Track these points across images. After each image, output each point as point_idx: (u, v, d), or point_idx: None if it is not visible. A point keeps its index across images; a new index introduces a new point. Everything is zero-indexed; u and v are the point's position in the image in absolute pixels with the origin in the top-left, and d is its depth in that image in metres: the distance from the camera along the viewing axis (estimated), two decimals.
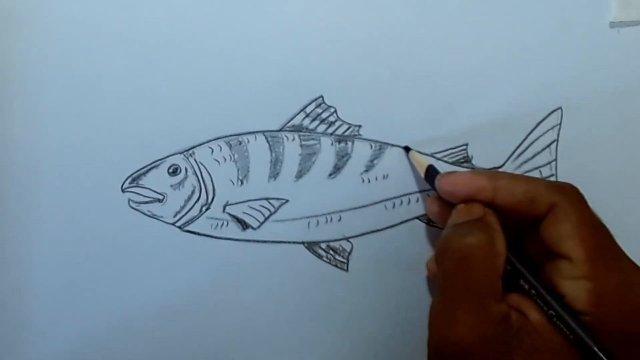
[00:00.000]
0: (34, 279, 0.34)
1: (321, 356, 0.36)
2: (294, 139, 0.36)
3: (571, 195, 0.29)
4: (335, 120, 0.36)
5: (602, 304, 0.26)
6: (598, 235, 0.28)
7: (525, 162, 0.37)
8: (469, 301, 0.27)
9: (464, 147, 0.37)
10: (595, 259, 0.27)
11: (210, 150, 0.35)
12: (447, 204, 0.32)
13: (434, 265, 0.33)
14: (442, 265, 0.28)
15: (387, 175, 0.37)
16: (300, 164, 0.36)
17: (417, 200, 0.37)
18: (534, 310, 0.28)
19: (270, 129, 0.36)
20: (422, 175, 0.34)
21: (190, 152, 0.35)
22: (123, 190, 0.35)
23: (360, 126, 0.36)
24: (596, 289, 0.27)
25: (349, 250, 0.36)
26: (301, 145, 0.36)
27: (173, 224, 0.35)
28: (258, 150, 0.35)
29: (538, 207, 0.28)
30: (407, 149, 0.36)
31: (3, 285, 0.34)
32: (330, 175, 0.36)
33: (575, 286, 0.27)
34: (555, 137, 0.37)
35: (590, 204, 0.37)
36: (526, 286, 0.28)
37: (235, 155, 0.35)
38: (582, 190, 0.37)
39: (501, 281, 0.27)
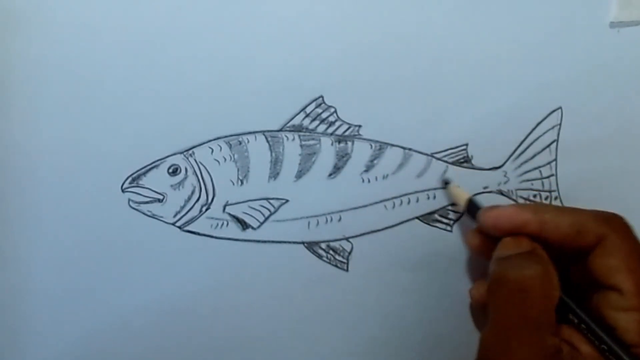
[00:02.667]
0: (34, 279, 0.34)
1: (321, 356, 0.36)
2: (294, 139, 0.36)
3: (619, 226, 0.29)
4: (335, 120, 0.36)
5: None
6: None
7: (525, 162, 0.37)
8: (526, 332, 0.27)
9: (464, 147, 0.37)
10: None
11: (210, 150, 0.35)
12: (489, 237, 0.32)
13: (478, 292, 0.33)
14: (498, 295, 0.28)
15: (387, 175, 0.37)
16: (300, 164, 0.36)
17: (417, 200, 0.37)
18: (585, 343, 0.28)
19: (270, 129, 0.36)
20: (463, 209, 0.34)
21: (190, 152, 0.35)
22: (123, 190, 0.35)
23: (360, 126, 0.36)
24: None
25: (349, 250, 0.36)
26: (301, 145, 0.36)
27: (173, 224, 0.35)
28: (258, 150, 0.35)
29: (585, 240, 0.29)
30: (446, 183, 0.36)
31: (3, 285, 0.34)
32: (330, 175, 0.36)
33: (626, 318, 0.27)
34: (555, 137, 0.37)
35: (591, 203, 0.37)
36: (575, 320, 0.28)
37: (235, 155, 0.35)
38: (582, 190, 0.37)
39: (555, 314, 0.27)
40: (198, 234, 0.35)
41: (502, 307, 0.28)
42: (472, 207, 0.34)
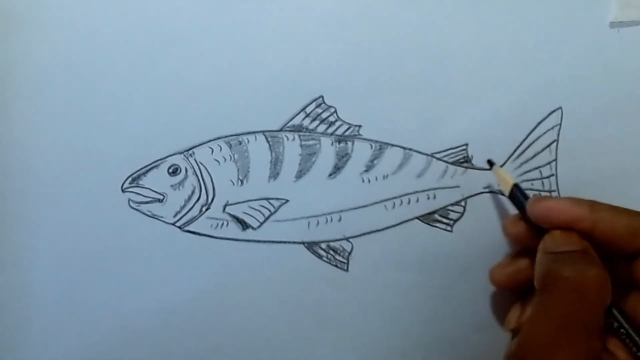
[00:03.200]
0: (33, 279, 0.34)
1: (321, 356, 0.36)
2: (294, 139, 0.36)
3: None
4: (335, 120, 0.36)
5: None
6: None
7: (525, 162, 0.37)
8: (576, 334, 0.26)
9: (464, 147, 0.37)
10: None
11: (210, 150, 0.35)
12: (532, 227, 0.31)
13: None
14: (552, 292, 0.27)
15: (387, 175, 0.37)
16: (300, 164, 0.36)
17: (417, 200, 0.37)
18: (622, 350, 0.28)
19: (270, 129, 0.36)
20: (507, 193, 0.34)
21: (190, 152, 0.35)
22: (123, 190, 0.35)
23: (360, 126, 0.36)
24: None
25: (349, 250, 0.36)
26: (301, 145, 0.36)
27: (173, 224, 0.35)
28: (258, 150, 0.35)
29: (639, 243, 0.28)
30: (490, 163, 0.35)
31: (3, 285, 0.34)
32: (330, 175, 0.36)
33: None
34: (555, 137, 0.37)
35: None
36: (615, 324, 0.28)
37: (235, 155, 0.35)
38: (582, 190, 0.37)
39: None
40: (198, 234, 0.35)
41: (555, 305, 0.27)
42: (518, 194, 0.32)
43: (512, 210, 0.37)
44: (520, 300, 0.32)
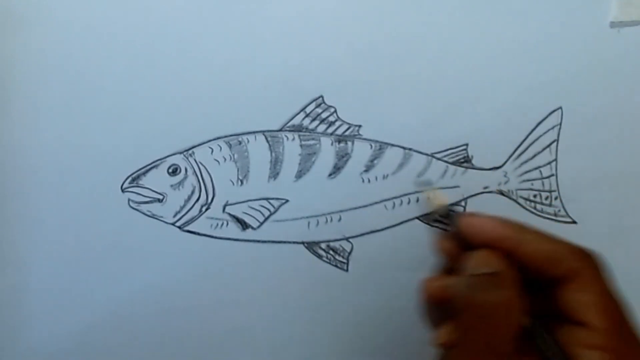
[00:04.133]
0: (34, 279, 0.34)
1: (321, 355, 0.36)
2: (294, 139, 0.36)
3: (595, 263, 0.28)
4: (335, 120, 0.36)
5: None
6: (619, 307, 0.28)
7: (525, 162, 0.37)
8: (486, 359, 0.27)
9: (464, 147, 0.37)
10: (614, 330, 0.27)
11: (210, 150, 0.35)
12: (462, 244, 0.31)
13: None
14: (463, 318, 0.28)
15: (387, 175, 0.37)
16: (300, 164, 0.36)
17: (417, 200, 0.37)
18: None
19: (270, 129, 0.36)
20: (439, 212, 0.33)
21: (190, 152, 0.35)
22: (123, 190, 0.35)
23: (360, 126, 0.36)
24: None
25: (349, 250, 0.36)
26: (301, 145, 0.36)
27: (173, 224, 0.35)
28: (258, 150, 0.35)
29: (560, 270, 0.28)
30: (424, 184, 0.35)
31: (3, 285, 0.34)
32: (330, 175, 0.36)
33: (591, 355, 0.27)
34: (555, 137, 0.37)
35: (591, 203, 0.37)
36: (542, 348, 0.28)
37: (235, 155, 0.35)
38: (582, 190, 0.37)
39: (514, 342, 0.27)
40: (198, 234, 0.35)
41: (467, 330, 0.27)
42: (451, 211, 0.33)
43: (513, 210, 0.37)
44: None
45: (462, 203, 0.37)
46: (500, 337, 0.27)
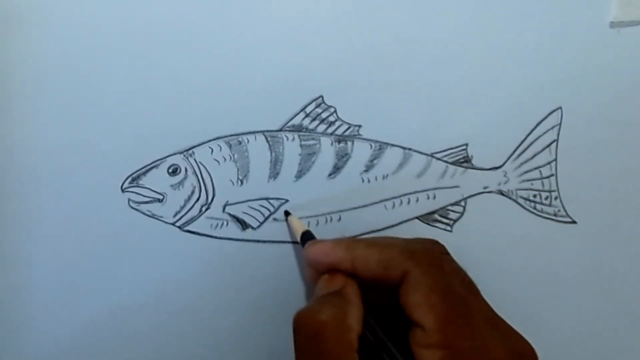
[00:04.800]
0: (33, 279, 0.34)
1: None
2: (294, 139, 0.36)
3: (423, 259, 0.28)
4: (335, 120, 0.36)
5: None
6: (449, 301, 0.27)
7: (525, 162, 0.37)
8: None
9: (464, 147, 0.37)
10: (446, 326, 0.27)
11: (210, 150, 0.35)
12: (318, 271, 0.32)
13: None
14: (296, 341, 0.28)
15: (387, 175, 0.37)
16: (300, 164, 0.36)
17: (417, 200, 0.37)
18: None
19: (270, 129, 0.36)
20: (299, 240, 0.34)
21: (190, 152, 0.35)
22: (123, 190, 0.35)
23: (360, 126, 0.36)
24: (448, 357, 0.26)
25: None
26: (301, 145, 0.36)
27: (173, 224, 0.35)
28: (258, 150, 0.35)
29: (392, 275, 0.28)
30: (286, 214, 0.35)
31: (3, 285, 0.34)
32: (330, 175, 0.36)
33: (428, 355, 0.27)
34: (555, 137, 0.37)
35: (591, 203, 0.37)
36: (387, 358, 0.28)
37: (235, 155, 0.35)
38: (582, 190, 0.37)
39: (356, 355, 0.27)
40: (198, 234, 0.35)
41: (300, 353, 0.28)
42: (305, 240, 0.33)
43: (512, 210, 0.37)
44: None
45: (462, 203, 0.37)
46: (333, 354, 0.27)
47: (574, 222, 0.38)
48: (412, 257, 0.28)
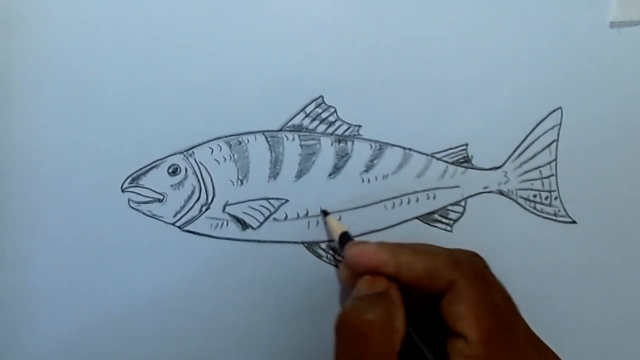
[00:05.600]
0: (33, 279, 0.34)
1: (321, 356, 0.36)
2: (294, 139, 0.36)
3: (470, 271, 0.29)
4: (335, 120, 0.36)
5: None
6: (495, 315, 0.28)
7: (525, 162, 0.37)
8: None
9: (464, 147, 0.37)
10: (489, 340, 0.27)
11: (210, 150, 0.35)
12: (356, 272, 0.32)
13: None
14: (339, 338, 0.28)
15: (387, 175, 0.37)
16: (300, 164, 0.36)
17: (417, 200, 0.37)
18: None
19: (270, 129, 0.36)
20: (336, 241, 0.34)
21: (190, 152, 0.35)
22: (123, 190, 0.35)
23: (360, 126, 0.36)
24: None
25: None
26: (301, 145, 0.36)
27: (173, 224, 0.35)
28: (258, 150, 0.35)
29: (437, 284, 0.28)
30: (325, 214, 0.36)
31: (3, 285, 0.34)
32: (330, 175, 0.36)
33: None
34: (555, 137, 0.37)
35: (591, 203, 0.37)
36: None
37: (235, 155, 0.35)
38: (582, 190, 0.37)
39: (397, 358, 0.27)
40: (198, 234, 0.35)
41: (343, 350, 0.27)
42: (344, 240, 0.33)
43: (512, 210, 0.37)
44: None
45: (462, 203, 0.37)
46: (377, 355, 0.27)
47: (574, 222, 0.38)
48: (459, 268, 0.28)
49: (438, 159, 0.37)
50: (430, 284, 0.29)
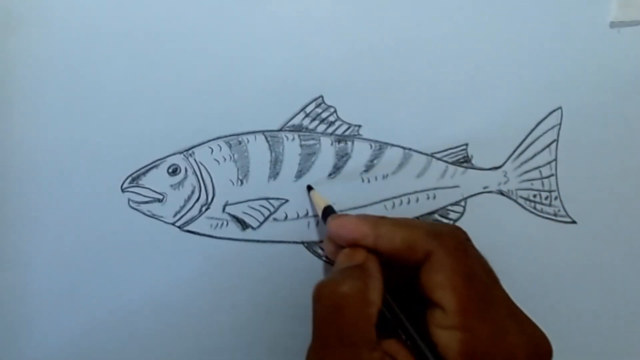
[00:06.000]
0: (34, 279, 0.34)
1: None
2: (293, 139, 0.36)
3: (449, 242, 0.29)
4: (335, 120, 0.36)
5: (473, 355, 0.26)
6: (472, 285, 0.28)
7: (525, 162, 0.37)
8: (341, 350, 0.26)
9: (464, 147, 0.37)
10: (467, 309, 0.27)
11: (210, 150, 0.35)
12: (339, 245, 0.32)
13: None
14: (315, 311, 0.28)
15: (387, 175, 0.37)
16: (300, 163, 0.36)
17: (417, 200, 0.37)
18: (408, 358, 0.28)
19: (270, 129, 0.36)
20: (320, 215, 0.34)
21: (190, 152, 0.35)
22: (123, 190, 0.35)
23: (360, 126, 0.36)
24: (467, 340, 0.26)
25: None
26: (301, 145, 0.36)
27: (173, 224, 0.35)
28: (258, 150, 0.35)
29: (416, 255, 0.28)
30: (309, 188, 0.36)
31: (3, 285, 0.34)
32: (330, 175, 0.36)
33: (447, 336, 0.27)
34: (555, 137, 0.37)
35: (591, 203, 0.37)
36: (403, 336, 0.28)
37: (235, 155, 0.35)
38: (582, 190, 0.37)
39: (374, 329, 0.27)
40: (198, 233, 0.35)
41: (319, 323, 0.28)
42: (326, 214, 0.33)
43: (512, 210, 0.37)
44: None
45: (462, 203, 0.37)
46: (351, 325, 0.27)
47: (574, 222, 0.38)
48: (437, 239, 0.28)
49: (438, 159, 0.37)
50: (409, 255, 0.28)
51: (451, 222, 0.37)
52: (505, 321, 0.27)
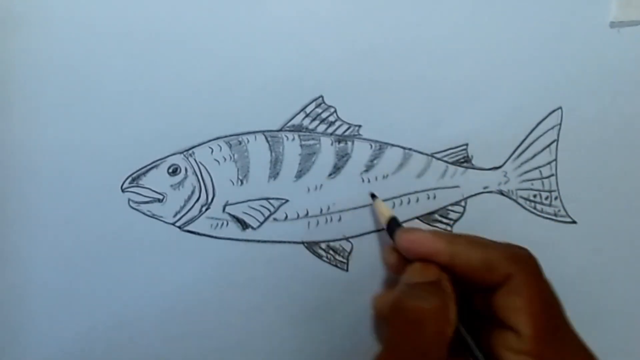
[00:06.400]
0: (34, 279, 0.34)
1: (321, 355, 0.36)
2: (294, 139, 0.36)
3: (527, 266, 0.29)
4: (335, 120, 0.36)
5: None
6: (549, 312, 0.28)
7: (525, 162, 0.37)
8: None
9: (464, 147, 0.37)
10: (542, 336, 0.27)
11: (210, 150, 0.35)
12: (404, 258, 0.32)
13: (381, 304, 0.33)
14: (394, 322, 0.28)
15: (387, 175, 0.37)
16: (300, 164, 0.36)
17: (417, 200, 0.37)
18: None
19: (270, 129, 0.36)
20: (384, 225, 0.34)
21: (190, 152, 0.35)
22: (123, 190, 0.35)
23: (360, 126, 0.36)
24: None
25: (349, 250, 0.36)
26: (301, 145, 0.36)
27: (173, 224, 0.35)
28: (258, 150, 0.35)
29: (494, 277, 0.28)
30: (373, 196, 0.36)
31: (3, 285, 0.34)
32: (330, 175, 0.36)
33: None
34: (555, 137, 0.37)
35: (591, 203, 0.37)
36: (471, 358, 0.28)
37: (235, 155, 0.35)
38: (582, 190, 0.37)
39: (448, 349, 0.27)
40: (198, 234, 0.35)
41: (396, 335, 0.28)
42: (392, 226, 0.33)
43: (512, 210, 0.37)
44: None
45: (462, 203, 0.37)
46: (429, 343, 0.27)
47: (574, 222, 0.38)
48: (517, 262, 0.28)
49: (438, 159, 0.37)
50: (486, 276, 0.28)
51: (451, 222, 0.37)
52: (576, 350, 0.28)
